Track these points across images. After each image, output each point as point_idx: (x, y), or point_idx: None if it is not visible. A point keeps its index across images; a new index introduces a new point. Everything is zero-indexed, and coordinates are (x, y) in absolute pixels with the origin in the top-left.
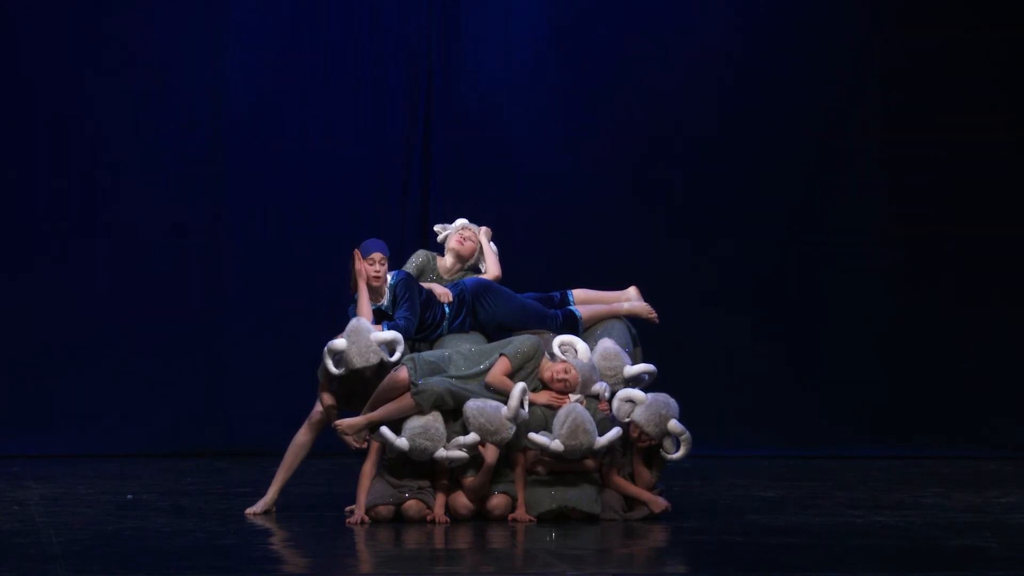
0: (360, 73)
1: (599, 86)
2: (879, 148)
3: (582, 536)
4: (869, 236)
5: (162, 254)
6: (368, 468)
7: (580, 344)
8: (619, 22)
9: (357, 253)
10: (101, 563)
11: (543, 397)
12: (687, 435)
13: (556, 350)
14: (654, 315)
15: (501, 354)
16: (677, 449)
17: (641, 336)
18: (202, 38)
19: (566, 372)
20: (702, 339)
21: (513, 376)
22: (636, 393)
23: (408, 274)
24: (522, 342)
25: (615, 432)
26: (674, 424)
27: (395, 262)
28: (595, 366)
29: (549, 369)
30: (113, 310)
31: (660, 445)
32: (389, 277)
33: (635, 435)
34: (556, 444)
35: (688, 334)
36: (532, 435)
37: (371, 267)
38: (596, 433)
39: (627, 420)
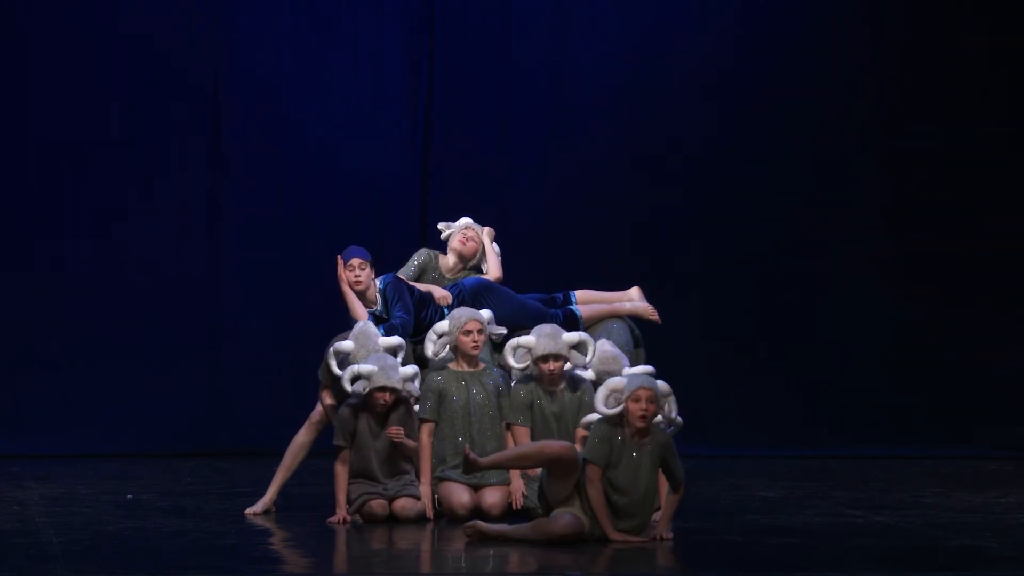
0: (360, 71)
1: (600, 85)
2: (876, 149)
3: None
4: (869, 236)
5: (162, 254)
6: (339, 467)
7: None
8: (622, 21)
9: (339, 260)
10: (101, 563)
11: None
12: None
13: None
14: (656, 316)
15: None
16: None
17: (642, 337)
18: (202, 39)
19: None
20: (702, 339)
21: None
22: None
23: (395, 276)
24: None
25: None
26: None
27: (395, 262)
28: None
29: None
30: (113, 310)
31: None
32: (377, 282)
33: (638, 413)
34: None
35: (688, 334)
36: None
37: (350, 273)
38: None
39: (619, 406)
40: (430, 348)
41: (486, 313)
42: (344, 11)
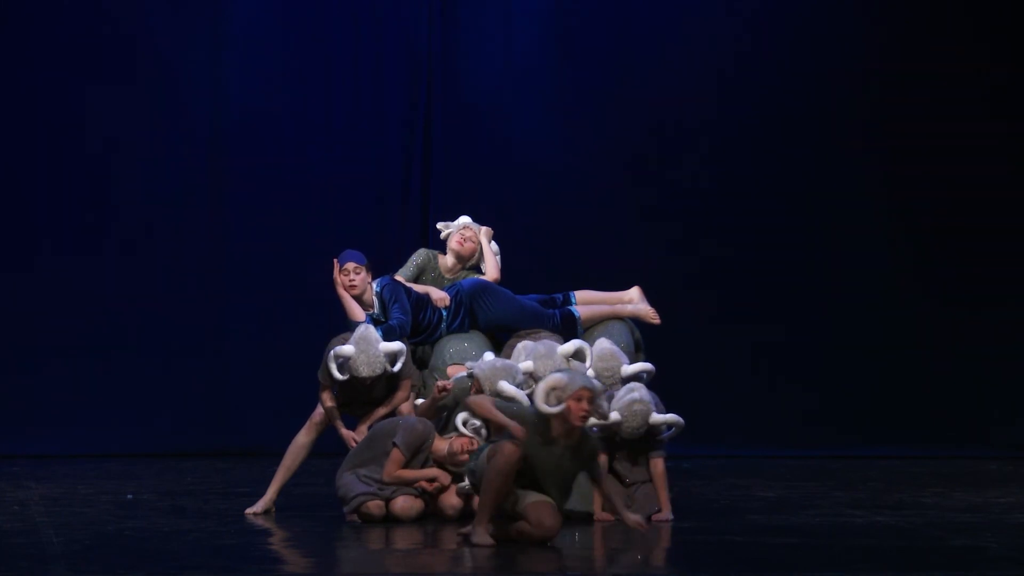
0: (360, 72)
1: (599, 85)
2: (878, 148)
3: (582, 536)
4: (869, 236)
5: (162, 255)
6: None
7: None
8: (620, 20)
9: (335, 264)
10: (101, 563)
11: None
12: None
13: (459, 423)
14: (657, 318)
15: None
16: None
17: (643, 338)
18: (201, 41)
19: (472, 445)
20: (701, 339)
21: (409, 464)
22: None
23: (392, 278)
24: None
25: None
26: (656, 417)
27: (395, 262)
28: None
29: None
30: (113, 310)
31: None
32: (374, 285)
33: (580, 413)
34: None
35: (688, 334)
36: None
37: (345, 277)
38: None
39: (560, 405)
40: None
41: (505, 388)
42: (344, 9)
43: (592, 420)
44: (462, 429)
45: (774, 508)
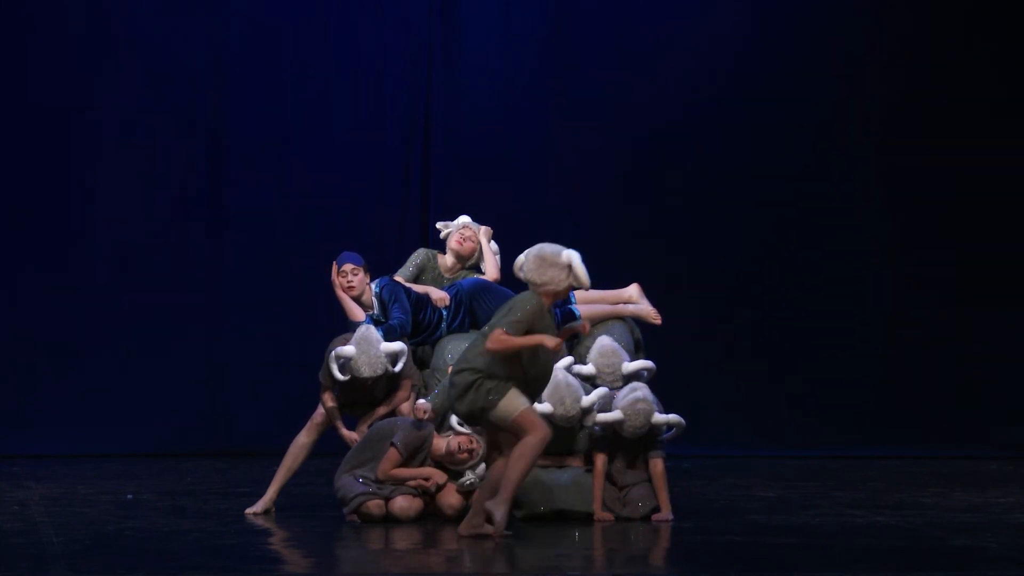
0: (360, 71)
1: (599, 84)
2: (877, 147)
3: (582, 536)
4: (869, 236)
5: (161, 254)
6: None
7: None
8: (620, 19)
9: (334, 265)
10: (101, 563)
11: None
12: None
13: (454, 423)
14: (658, 319)
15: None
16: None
17: (643, 338)
18: (202, 40)
19: (471, 443)
20: (701, 339)
21: (407, 465)
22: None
23: (391, 279)
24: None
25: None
26: (659, 417)
27: (394, 262)
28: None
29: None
30: (113, 310)
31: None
32: (373, 285)
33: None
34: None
35: (687, 334)
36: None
37: (343, 279)
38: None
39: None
40: None
41: None
42: (345, 9)
43: (599, 417)
44: (458, 428)
45: (774, 508)
